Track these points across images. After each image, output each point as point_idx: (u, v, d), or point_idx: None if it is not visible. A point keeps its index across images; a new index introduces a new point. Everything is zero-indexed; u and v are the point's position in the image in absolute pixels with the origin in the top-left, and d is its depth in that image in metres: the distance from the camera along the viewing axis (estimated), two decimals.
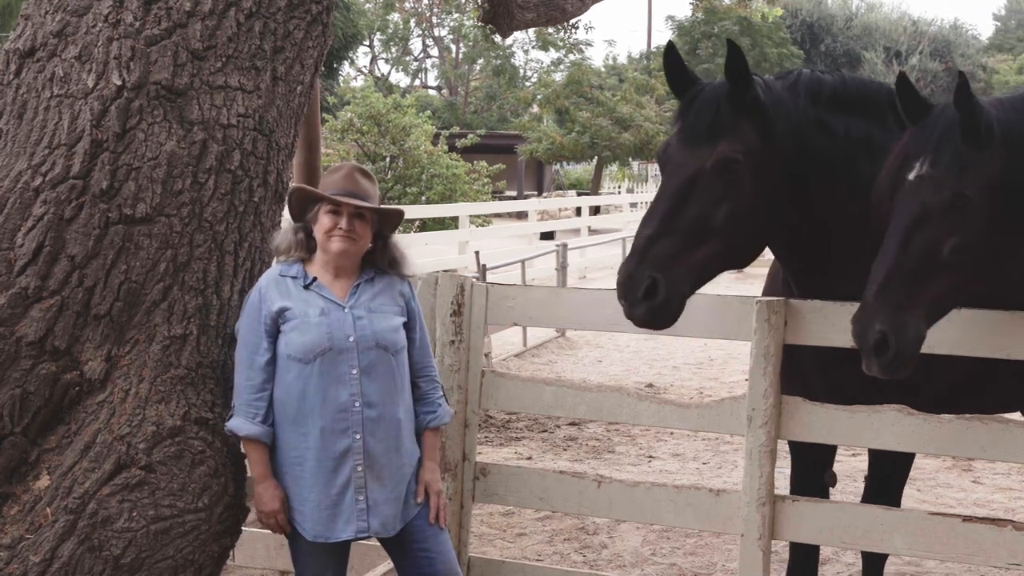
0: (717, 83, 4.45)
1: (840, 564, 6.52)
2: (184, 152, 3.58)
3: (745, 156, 4.30)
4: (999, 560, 4.47)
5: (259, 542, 5.50)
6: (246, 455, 3.98)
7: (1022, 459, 4.50)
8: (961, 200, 3.83)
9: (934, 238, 3.84)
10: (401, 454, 4.17)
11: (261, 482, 3.95)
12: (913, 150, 3.96)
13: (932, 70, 72.66)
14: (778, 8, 10.10)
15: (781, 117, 4.39)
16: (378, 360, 4.08)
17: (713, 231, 4.25)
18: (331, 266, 4.10)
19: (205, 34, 3.65)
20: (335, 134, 22.57)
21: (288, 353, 3.97)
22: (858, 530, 4.62)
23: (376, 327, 4.10)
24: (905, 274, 3.83)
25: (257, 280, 3.86)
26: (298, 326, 3.98)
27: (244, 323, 3.99)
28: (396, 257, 4.28)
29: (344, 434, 4.00)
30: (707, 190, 4.28)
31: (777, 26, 52.14)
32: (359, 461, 4.02)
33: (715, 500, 4.84)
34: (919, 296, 3.85)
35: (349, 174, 4.15)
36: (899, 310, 3.82)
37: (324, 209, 4.04)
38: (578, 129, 38.86)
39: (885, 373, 3.85)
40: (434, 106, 45.95)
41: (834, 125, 4.46)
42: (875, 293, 3.84)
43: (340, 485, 4.01)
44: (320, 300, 4.05)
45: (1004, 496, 8.10)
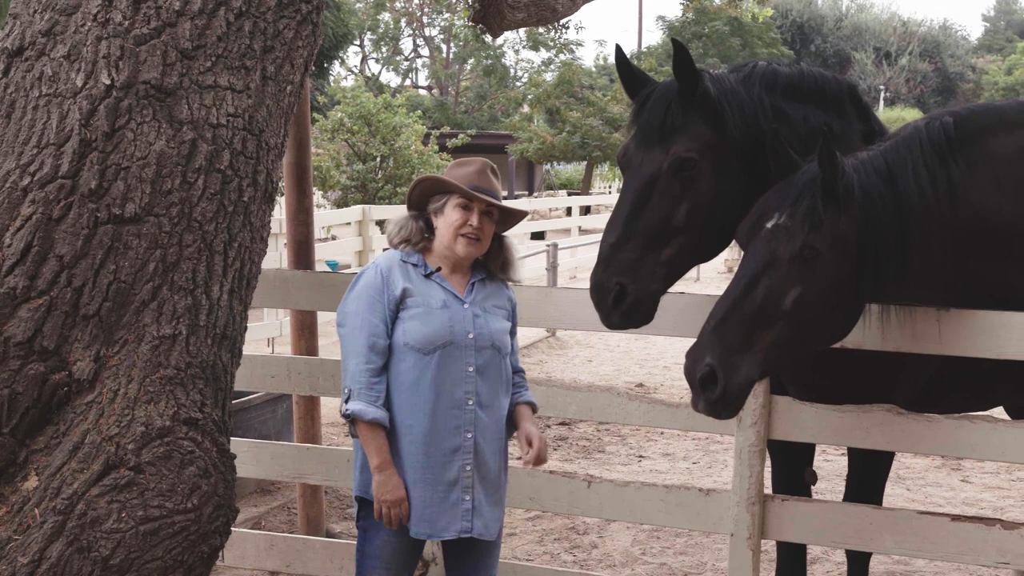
0: (668, 82, 4.47)
1: (830, 563, 6.53)
2: (173, 152, 3.57)
3: (700, 153, 4.32)
4: (988, 559, 4.49)
5: (249, 543, 5.49)
6: (363, 442, 3.95)
7: (1010, 458, 4.51)
8: (811, 252, 3.89)
9: (779, 286, 3.90)
10: (502, 458, 4.16)
11: (385, 469, 3.92)
12: (774, 203, 4.04)
13: (922, 70, 72.84)
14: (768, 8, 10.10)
15: (734, 109, 4.41)
16: (491, 360, 4.06)
17: (676, 230, 4.28)
18: (450, 262, 4.09)
19: (194, 33, 3.65)
20: (325, 134, 22.54)
21: (405, 342, 3.96)
22: (848, 529, 4.64)
23: (492, 327, 4.08)
24: (745, 316, 3.88)
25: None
26: (419, 315, 3.97)
27: (362, 304, 3.98)
28: (508, 260, 4.25)
29: (456, 432, 3.98)
30: (666, 191, 4.31)
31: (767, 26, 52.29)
32: (468, 460, 3.99)
33: (705, 500, 4.85)
34: (755, 340, 3.89)
35: (482, 170, 4.12)
36: (732, 350, 3.87)
37: (454, 203, 4.04)
38: (568, 129, 38.89)
39: (709, 411, 3.90)
40: (424, 106, 45.95)
41: (792, 113, 4.47)
42: (712, 328, 3.90)
43: (448, 483, 3.97)
44: (441, 292, 4.05)
45: (993, 495, 8.12)
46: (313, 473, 5.42)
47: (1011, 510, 7.64)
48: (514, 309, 4.28)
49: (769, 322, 3.90)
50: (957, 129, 4.18)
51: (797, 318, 3.91)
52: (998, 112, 4.38)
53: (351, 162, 22.28)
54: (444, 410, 3.95)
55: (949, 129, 4.17)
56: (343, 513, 7.49)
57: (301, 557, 5.42)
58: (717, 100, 4.40)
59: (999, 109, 4.42)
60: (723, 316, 3.92)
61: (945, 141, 4.14)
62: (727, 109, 4.40)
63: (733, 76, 4.54)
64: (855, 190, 3.98)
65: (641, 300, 4.25)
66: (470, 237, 4.02)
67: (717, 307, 3.97)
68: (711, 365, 3.84)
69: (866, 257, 3.98)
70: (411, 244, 4.11)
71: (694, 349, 3.92)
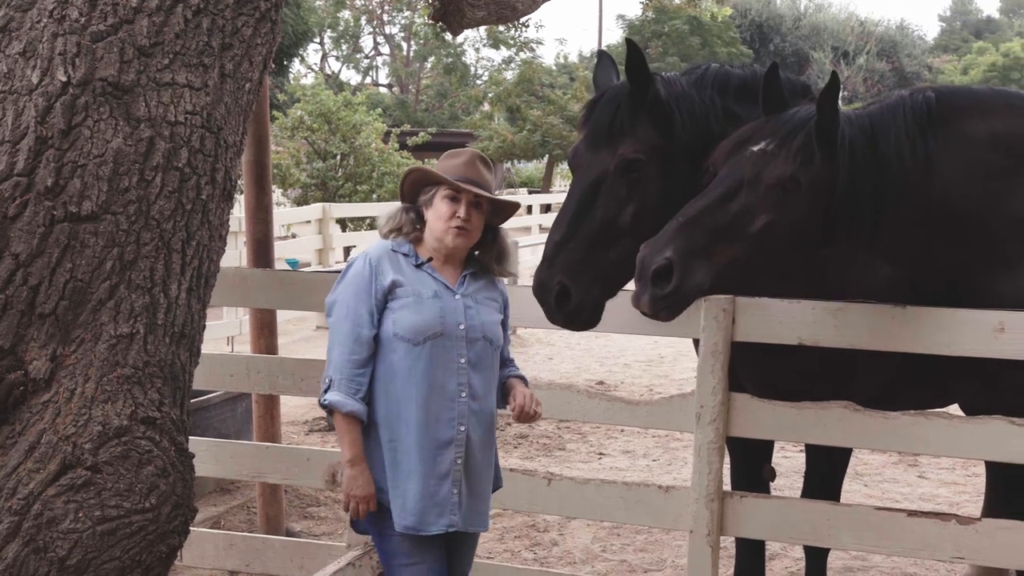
0: (619, 85, 4.50)
1: (788, 559, 6.58)
2: (131, 149, 3.54)
3: (647, 155, 4.34)
4: (944, 554, 4.54)
5: (208, 542, 5.47)
6: (339, 434, 3.93)
7: (966, 454, 4.57)
8: (793, 184, 3.94)
9: (753, 207, 3.96)
10: (490, 451, 4.12)
11: (357, 464, 3.91)
12: (764, 132, 4.10)
13: (879, 70, 73.39)
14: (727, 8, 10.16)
15: (683, 112, 4.44)
16: (483, 352, 4.02)
17: (621, 232, 4.29)
18: (440, 254, 4.05)
19: (152, 30, 3.62)
20: (285, 131, 22.43)
21: (395, 332, 3.92)
22: (806, 525, 4.68)
23: (484, 319, 4.04)
24: (715, 226, 3.94)
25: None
26: (410, 305, 3.94)
27: (349, 294, 3.95)
28: (504, 252, 4.20)
29: (449, 424, 3.93)
30: (612, 192, 4.33)
31: (727, 26, 52.49)
32: (460, 453, 3.94)
33: (664, 497, 4.87)
34: (716, 252, 3.95)
35: (471, 161, 4.08)
36: (694, 253, 3.91)
37: (442, 195, 4.01)
38: (529, 127, 38.91)
39: (652, 306, 3.92)
40: (385, 104, 45.83)
41: (744, 115, 4.50)
42: (678, 226, 3.94)
43: (439, 476, 3.92)
44: (433, 282, 4.01)
45: (949, 491, 8.20)
46: (272, 472, 5.40)
47: (967, 505, 7.71)
48: (506, 303, 4.26)
49: (733, 238, 3.95)
50: (938, 105, 4.24)
51: (760, 244, 3.97)
52: (975, 96, 4.45)
53: (311, 160, 22.19)
54: (438, 402, 3.91)
55: (931, 104, 4.23)
56: (303, 512, 7.47)
57: (260, 556, 5.40)
58: (666, 103, 4.42)
59: (975, 93, 4.49)
60: (692, 218, 3.94)
61: (927, 114, 4.21)
62: (676, 112, 4.43)
63: (685, 79, 4.56)
64: (845, 140, 4.04)
65: (584, 304, 4.27)
66: (459, 228, 3.98)
67: (687, 209, 3.99)
68: (670, 260, 3.87)
69: (841, 208, 4.03)
70: (401, 234, 4.08)
71: (654, 242, 3.93)
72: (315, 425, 9.86)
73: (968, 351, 4.37)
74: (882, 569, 6.47)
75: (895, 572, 6.44)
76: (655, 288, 3.89)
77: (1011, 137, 4.33)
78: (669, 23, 50.63)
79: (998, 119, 4.35)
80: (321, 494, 7.67)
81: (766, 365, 4.80)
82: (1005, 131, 4.33)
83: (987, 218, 4.27)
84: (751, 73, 4.65)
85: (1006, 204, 4.27)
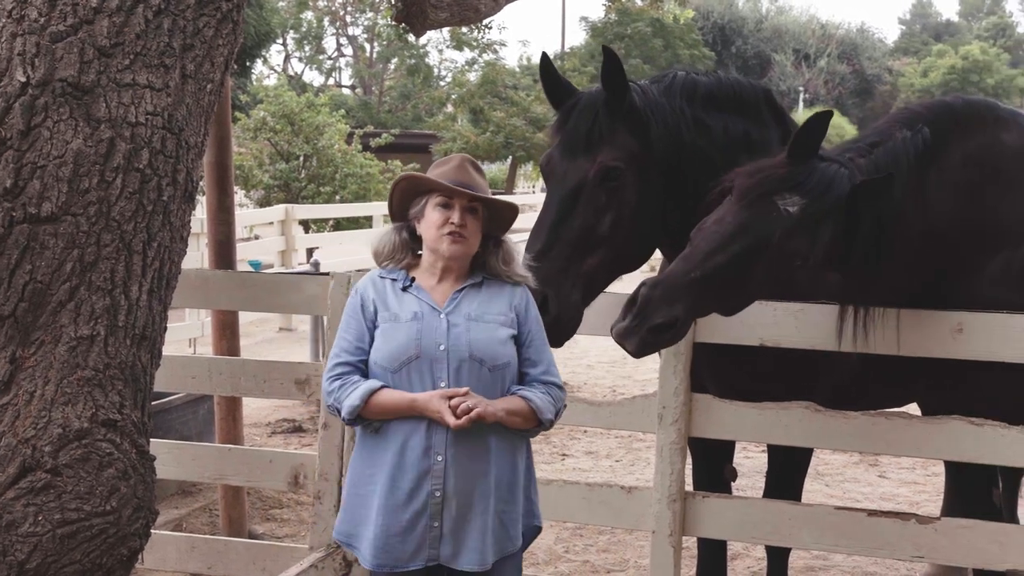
0: (594, 92, 4.49)
1: (751, 559, 6.61)
2: (91, 150, 3.52)
3: (626, 163, 4.34)
4: (903, 553, 4.58)
5: (170, 545, 5.44)
6: (383, 413, 3.70)
7: (925, 454, 4.61)
8: (815, 257, 4.01)
9: (771, 271, 4.01)
10: (489, 482, 3.74)
11: (418, 399, 3.66)
12: (794, 182, 4.06)
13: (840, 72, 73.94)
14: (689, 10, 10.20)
15: (658, 120, 4.44)
16: (470, 373, 3.72)
17: (600, 241, 4.28)
18: (437, 268, 3.85)
19: (112, 31, 3.60)
20: (248, 132, 22.35)
21: (374, 360, 3.77)
22: (768, 525, 4.70)
23: (473, 337, 3.75)
24: (728, 286, 3.98)
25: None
26: (385, 331, 3.77)
27: (342, 326, 3.86)
28: (509, 254, 3.93)
29: (425, 454, 3.68)
30: (591, 200, 4.31)
31: (689, 28, 52.73)
32: (437, 486, 3.67)
33: (627, 497, 4.89)
34: (722, 307, 4.15)
35: (461, 165, 3.88)
36: (699, 312, 4.12)
37: (433, 203, 3.81)
38: (492, 129, 38.88)
39: (640, 351, 3.94)
40: (348, 105, 45.73)
41: (712, 123, 4.52)
42: (690, 281, 3.92)
43: (414, 511, 3.68)
44: (415, 304, 3.81)
45: (909, 490, 8.27)
46: (235, 474, 5.38)
47: (926, 504, 7.78)
48: (525, 312, 3.89)
49: (742, 297, 4.08)
50: (933, 139, 4.30)
51: (767, 296, 4.19)
52: (955, 118, 4.49)
53: (274, 161, 22.10)
54: (412, 429, 3.68)
55: (928, 142, 4.28)
56: (265, 514, 7.45)
57: (223, 559, 5.38)
58: (643, 111, 4.43)
59: (955, 114, 4.52)
60: (708, 276, 3.91)
61: (924, 154, 4.26)
62: (652, 120, 4.43)
63: (655, 87, 4.57)
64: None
65: (563, 315, 4.26)
66: (453, 234, 3.77)
67: (702, 259, 3.95)
68: (677, 318, 3.87)
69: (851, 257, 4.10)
70: (393, 261, 3.93)
71: (664, 288, 3.90)
72: (278, 427, 9.82)
73: (927, 352, 4.41)
74: (843, 568, 6.51)
75: (856, 571, 6.49)
76: (649, 335, 3.88)
77: (980, 153, 4.41)
78: (632, 25, 50.79)
79: (971, 137, 4.42)
80: (284, 496, 7.65)
81: (728, 366, 4.82)
82: (976, 147, 4.41)
83: (957, 232, 4.35)
84: (715, 80, 4.68)
85: (975, 216, 4.36)
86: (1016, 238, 4.38)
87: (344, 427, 4.96)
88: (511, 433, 3.80)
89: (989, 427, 4.37)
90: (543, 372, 3.88)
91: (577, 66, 41.61)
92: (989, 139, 4.47)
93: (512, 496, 3.82)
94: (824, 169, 4.02)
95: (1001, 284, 4.38)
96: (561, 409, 3.91)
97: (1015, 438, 4.35)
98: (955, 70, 69.94)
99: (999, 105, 4.73)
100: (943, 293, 4.40)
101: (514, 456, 3.84)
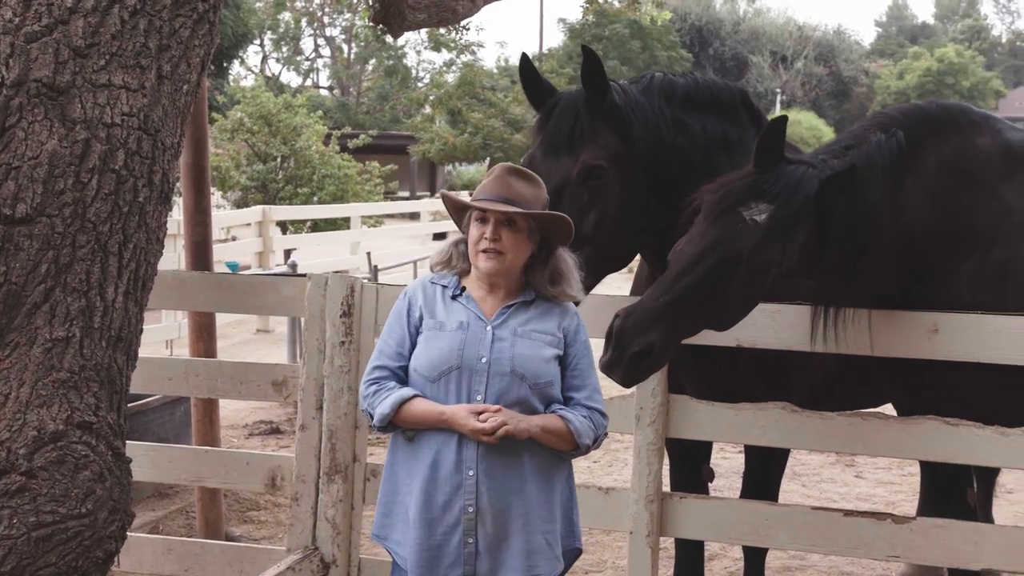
0: (574, 92, 4.50)
1: (728, 559, 6.63)
2: (66, 151, 3.51)
3: (608, 162, 4.35)
4: (879, 553, 4.60)
5: (146, 547, 5.42)
6: (414, 424, 3.66)
7: (900, 454, 4.63)
8: (788, 266, 4.03)
9: (746, 286, 4.03)
10: (526, 500, 3.66)
11: (444, 413, 3.60)
12: (758, 191, 4.08)
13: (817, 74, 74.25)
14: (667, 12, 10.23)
15: (639, 120, 4.45)
16: (510, 388, 3.64)
17: (583, 239, 4.27)
18: (484, 282, 3.76)
19: (88, 31, 3.58)
20: (224, 133, 22.26)
21: (414, 367, 3.71)
22: (744, 525, 4.72)
23: (517, 352, 3.67)
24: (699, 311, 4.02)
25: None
26: (428, 339, 3.70)
27: (385, 328, 3.81)
28: (557, 272, 3.79)
29: (457, 468, 3.62)
30: (574, 200, 4.31)
31: (667, 29, 52.86)
32: (471, 500, 3.60)
33: (605, 498, 4.89)
34: (698, 328, 4.18)
35: (499, 176, 3.74)
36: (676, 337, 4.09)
37: (473, 217, 3.72)
38: (470, 130, 38.89)
39: (627, 381, 3.99)
40: (326, 106, 45.57)
41: (691, 123, 4.54)
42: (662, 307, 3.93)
43: (448, 525, 3.62)
44: (463, 312, 3.74)
45: (885, 490, 8.30)
46: (212, 476, 5.36)
47: (902, 504, 7.81)
48: (574, 334, 3.80)
49: (717, 319, 4.11)
50: (907, 143, 4.32)
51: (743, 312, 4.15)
52: (930, 122, 4.53)
53: (251, 162, 22.02)
54: (446, 443, 3.62)
55: (902, 145, 4.31)
56: (242, 516, 7.42)
57: (200, 561, 5.36)
58: (624, 110, 4.44)
59: (930, 118, 4.56)
60: (678, 299, 3.91)
61: (899, 157, 4.28)
62: (634, 120, 4.44)
63: (635, 87, 4.58)
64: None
65: None
66: (487, 252, 3.67)
67: (672, 284, 3.94)
68: (653, 344, 3.85)
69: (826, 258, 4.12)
70: (448, 267, 3.84)
71: (636, 317, 3.90)
72: (255, 429, 9.80)
73: (902, 352, 4.43)
74: (819, 568, 6.54)
75: (832, 571, 6.51)
76: (631, 365, 3.88)
77: (954, 158, 4.44)
78: (610, 27, 50.87)
79: (945, 142, 4.46)
80: (261, 498, 7.62)
81: (706, 367, 4.83)
82: (950, 152, 4.45)
83: (933, 236, 4.37)
84: (692, 81, 4.70)
85: (950, 220, 4.39)
86: (989, 241, 4.41)
87: (321, 429, 4.96)
88: (546, 451, 3.70)
89: (964, 427, 4.40)
90: (587, 397, 3.78)
91: (555, 68, 41.64)
92: (963, 143, 4.50)
93: (551, 515, 3.74)
94: (791, 171, 4.03)
95: (976, 287, 4.41)
96: (602, 436, 3.82)
97: (990, 438, 4.38)
98: (930, 72, 70.32)
99: (972, 110, 4.76)
100: (917, 297, 4.43)
101: (550, 475, 3.75)
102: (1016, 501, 7.97)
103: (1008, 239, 4.42)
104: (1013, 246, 4.42)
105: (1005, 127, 4.71)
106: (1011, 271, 4.42)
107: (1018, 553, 4.43)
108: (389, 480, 3.81)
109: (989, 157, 4.52)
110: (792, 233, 3.96)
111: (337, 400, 4.93)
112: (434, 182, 49.78)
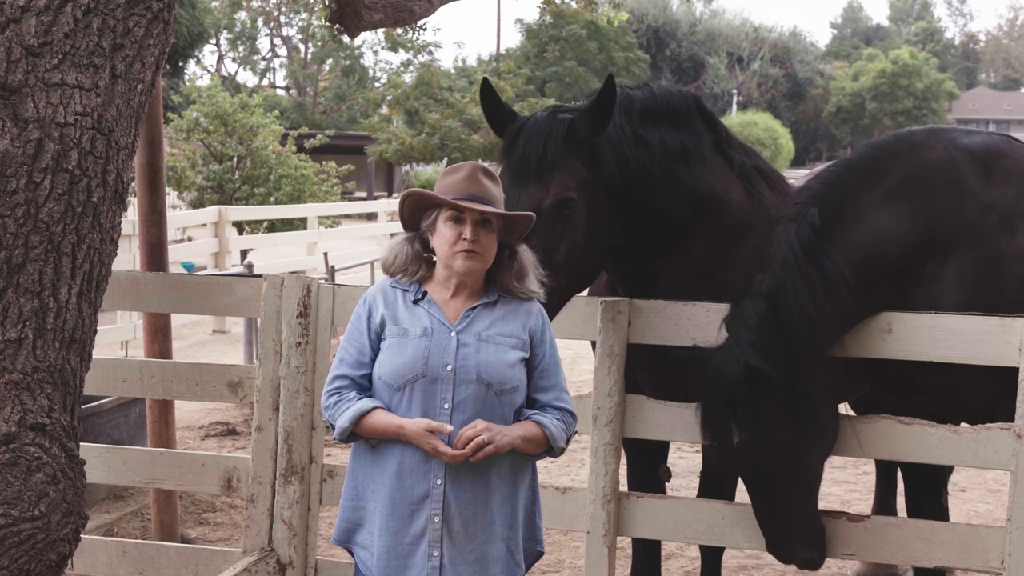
0: (538, 116, 4.48)
1: (684, 558, 6.66)
2: (18, 151, 3.47)
3: (577, 191, 4.35)
4: (835, 551, 4.64)
5: (100, 550, 5.38)
6: (375, 435, 3.63)
7: (854, 453, 4.67)
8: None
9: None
10: (491, 509, 3.66)
11: (404, 426, 3.55)
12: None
13: (773, 75, 74.78)
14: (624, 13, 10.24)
15: (604, 142, 4.46)
16: (475, 396, 3.61)
17: (557, 268, 4.23)
18: (451, 283, 3.71)
19: (40, 30, 3.55)
20: (180, 133, 22.11)
21: (378, 375, 3.66)
22: (700, 525, 4.74)
23: (482, 359, 3.63)
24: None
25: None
26: (392, 346, 3.65)
27: (346, 335, 3.74)
28: (523, 269, 3.76)
29: (424, 477, 3.59)
30: (547, 230, 4.27)
31: (624, 31, 53.06)
32: (437, 511, 3.58)
33: (562, 498, 4.90)
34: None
35: (471, 175, 3.68)
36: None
37: (444, 217, 3.65)
38: (428, 130, 38.79)
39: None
40: (282, 106, 45.47)
41: (650, 138, 4.56)
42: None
43: (414, 535, 3.60)
44: (426, 318, 3.68)
45: (840, 489, 8.36)
46: (167, 478, 5.33)
47: (857, 503, 7.88)
48: (541, 335, 3.77)
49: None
50: (823, 223, 4.38)
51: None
52: (860, 175, 4.59)
53: (207, 162, 21.89)
54: (413, 451, 3.58)
55: (817, 229, 4.37)
56: (198, 518, 7.38)
57: (155, 563, 5.32)
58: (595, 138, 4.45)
59: (859, 170, 4.62)
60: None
61: (815, 244, 4.36)
62: (604, 146, 4.45)
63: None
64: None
65: None
66: (467, 252, 3.61)
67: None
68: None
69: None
70: (408, 275, 3.76)
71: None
72: (211, 430, 9.74)
73: (857, 351, 4.48)
74: (775, 567, 6.57)
75: (788, 569, 6.54)
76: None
77: (903, 183, 4.56)
78: (567, 28, 50.99)
79: (887, 176, 4.57)
80: (217, 500, 7.58)
81: (661, 367, 4.85)
82: (896, 182, 4.55)
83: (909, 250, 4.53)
84: (649, 93, 4.72)
85: (919, 232, 4.53)
86: (971, 240, 4.48)
87: (278, 430, 4.94)
88: (513, 456, 3.68)
89: (917, 426, 4.44)
90: (555, 398, 3.76)
91: (513, 68, 41.61)
92: (910, 168, 4.58)
93: (514, 521, 3.74)
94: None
95: (963, 284, 4.48)
96: (571, 436, 3.80)
97: (942, 437, 4.42)
98: (885, 74, 71.03)
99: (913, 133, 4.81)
100: (905, 303, 4.50)
101: (516, 480, 3.74)
102: (969, 499, 8.05)
103: (991, 234, 4.49)
104: (994, 240, 4.51)
105: (958, 134, 4.76)
106: (999, 263, 4.49)
107: (970, 550, 4.48)
108: (351, 485, 3.78)
109: (944, 166, 4.57)
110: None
111: (293, 401, 4.92)
112: (391, 182, 49.70)
